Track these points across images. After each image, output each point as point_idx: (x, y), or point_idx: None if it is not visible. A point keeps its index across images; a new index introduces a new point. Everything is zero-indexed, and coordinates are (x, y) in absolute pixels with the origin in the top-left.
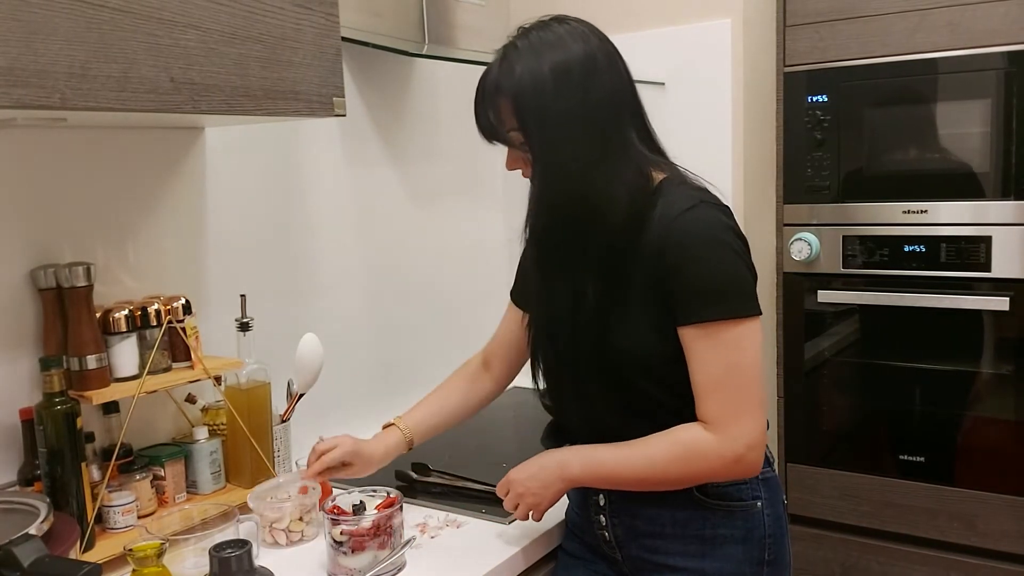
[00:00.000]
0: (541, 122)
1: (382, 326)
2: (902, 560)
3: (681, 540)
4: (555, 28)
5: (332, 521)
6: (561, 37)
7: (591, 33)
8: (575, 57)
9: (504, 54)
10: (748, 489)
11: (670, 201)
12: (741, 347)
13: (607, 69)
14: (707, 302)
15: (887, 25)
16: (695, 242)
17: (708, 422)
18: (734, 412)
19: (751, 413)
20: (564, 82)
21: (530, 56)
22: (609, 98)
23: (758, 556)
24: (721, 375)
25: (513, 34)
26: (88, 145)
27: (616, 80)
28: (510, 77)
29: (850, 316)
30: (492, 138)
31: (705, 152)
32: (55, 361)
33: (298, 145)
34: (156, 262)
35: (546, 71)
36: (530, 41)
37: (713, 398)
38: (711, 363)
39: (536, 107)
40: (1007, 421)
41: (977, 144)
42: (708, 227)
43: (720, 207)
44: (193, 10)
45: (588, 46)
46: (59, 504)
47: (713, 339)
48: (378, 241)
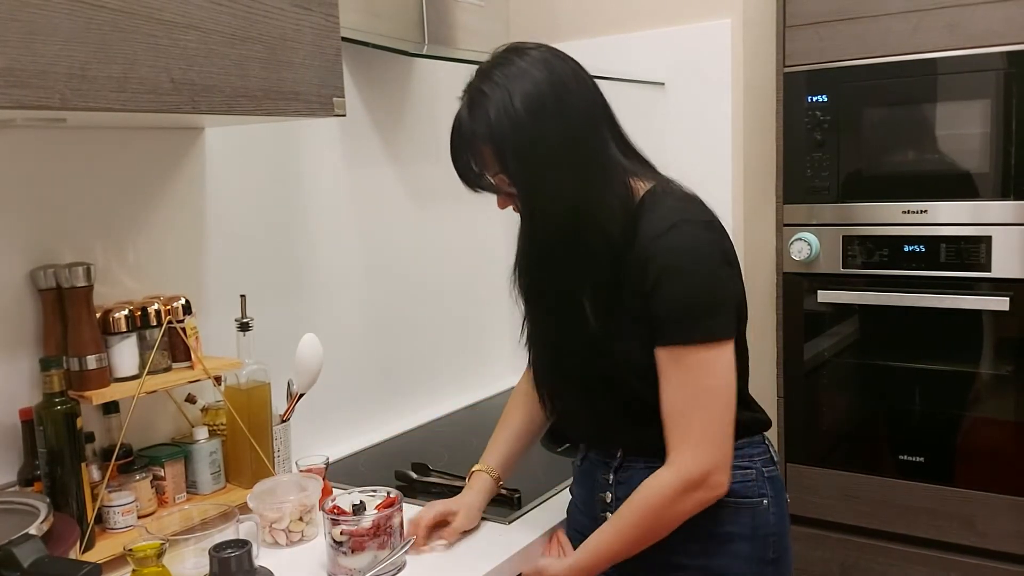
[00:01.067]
0: (524, 161)
1: (382, 326)
2: (902, 560)
3: (688, 537)
4: (515, 62)
5: (332, 521)
6: (524, 70)
7: (551, 56)
8: (543, 86)
9: (471, 100)
10: (755, 487)
11: (652, 219)
12: (709, 372)
13: (576, 88)
14: (677, 326)
15: (887, 25)
16: (670, 265)
17: (671, 449)
18: (688, 439)
19: (713, 439)
20: (539, 114)
21: (500, 97)
22: (585, 116)
23: (763, 554)
24: (687, 399)
25: (473, 77)
26: (88, 145)
27: (587, 96)
28: (484, 122)
29: (850, 316)
30: (476, 186)
31: (705, 152)
32: (55, 361)
33: (298, 145)
34: (156, 262)
35: (519, 108)
36: (495, 81)
37: (678, 423)
38: (678, 386)
39: (517, 147)
40: (1007, 421)
41: (976, 144)
42: (684, 249)
43: (701, 223)
44: (193, 11)
45: (552, 71)
46: (59, 504)
47: (681, 363)
48: (378, 241)
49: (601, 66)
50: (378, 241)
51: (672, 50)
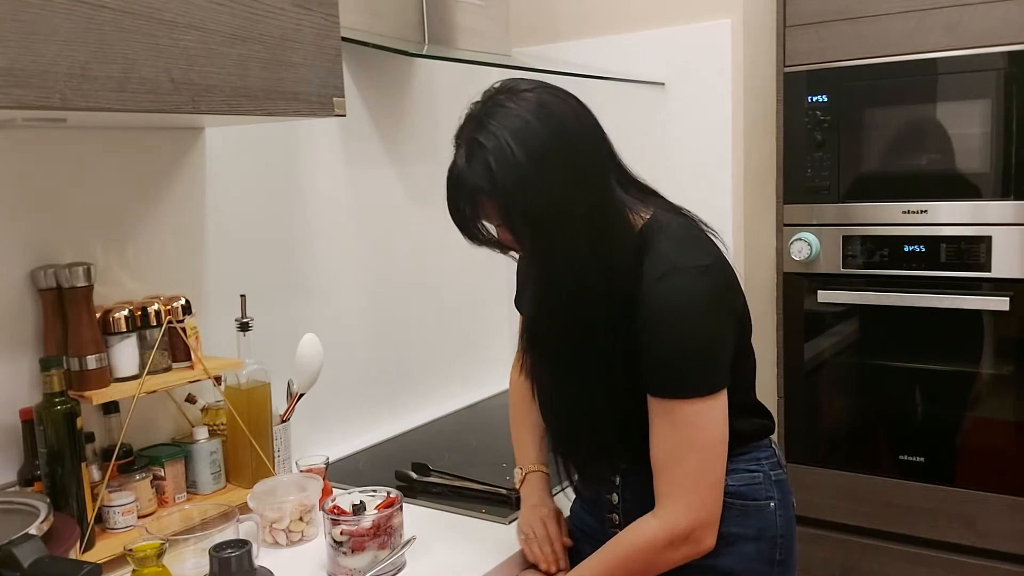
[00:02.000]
0: (532, 218)
1: (382, 326)
2: (902, 560)
3: None
4: (511, 109)
5: (332, 521)
6: (522, 118)
7: (548, 97)
8: (544, 137)
9: (469, 151)
10: (762, 489)
11: (648, 265)
12: (697, 424)
13: (579, 130)
14: (666, 380)
15: (887, 25)
16: (657, 320)
17: (656, 499)
18: (678, 490)
19: (697, 492)
20: (544, 166)
21: (501, 151)
22: (590, 161)
23: (770, 555)
24: (674, 451)
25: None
26: (88, 145)
27: (590, 137)
28: (487, 179)
29: (850, 316)
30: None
31: (705, 153)
32: (55, 361)
33: (298, 145)
34: (156, 262)
35: (523, 160)
36: (492, 132)
37: (665, 474)
38: (667, 438)
39: (522, 202)
40: (1007, 421)
41: (977, 144)
42: (671, 305)
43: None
44: (193, 10)
45: (550, 116)
46: (59, 504)
47: (670, 416)
48: (378, 241)
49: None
50: (378, 241)
51: (672, 50)
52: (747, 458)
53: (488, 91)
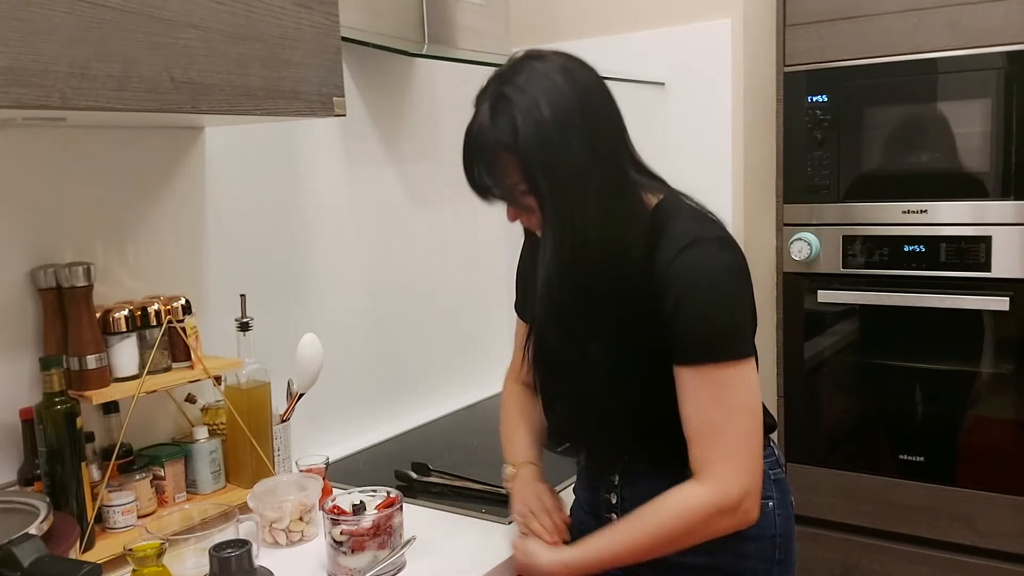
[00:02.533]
0: (552, 175)
1: (382, 326)
2: (902, 560)
3: None
4: (537, 68)
5: (332, 521)
6: (550, 78)
7: (574, 65)
8: (571, 99)
9: (494, 104)
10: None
11: (668, 237)
12: (734, 390)
13: (600, 100)
14: (700, 346)
15: (887, 25)
16: (689, 285)
17: (699, 469)
18: (726, 457)
19: (744, 459)
20: (568, 128)
21: (525, 103)
22: (609, 131)
23: (770, 554)
24: (714, 419)
25: (490, 82)
26: (88, 145)
27: (610, 109)
28: (509, 131)
29: (850, 316)
30: (490, 196)
31: (705, 152)
32: (55, 361)
33: (298, 145)
34: (156, 262)
35: (548, 118)
36: (518, 87)
37: (705, 443)
38: (704, 406)
39: (543, 159)
40: (1007, 421)
41: (977, 144)
42: (700, 271)
43: (715, 240)
44: (193, 9)
45: (576, 81)
46: (59, 504)
47: (706, 382)
48: (378, 241)
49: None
50: (378, 241)
51: (672, 50)
52: None
53: (512, 56)
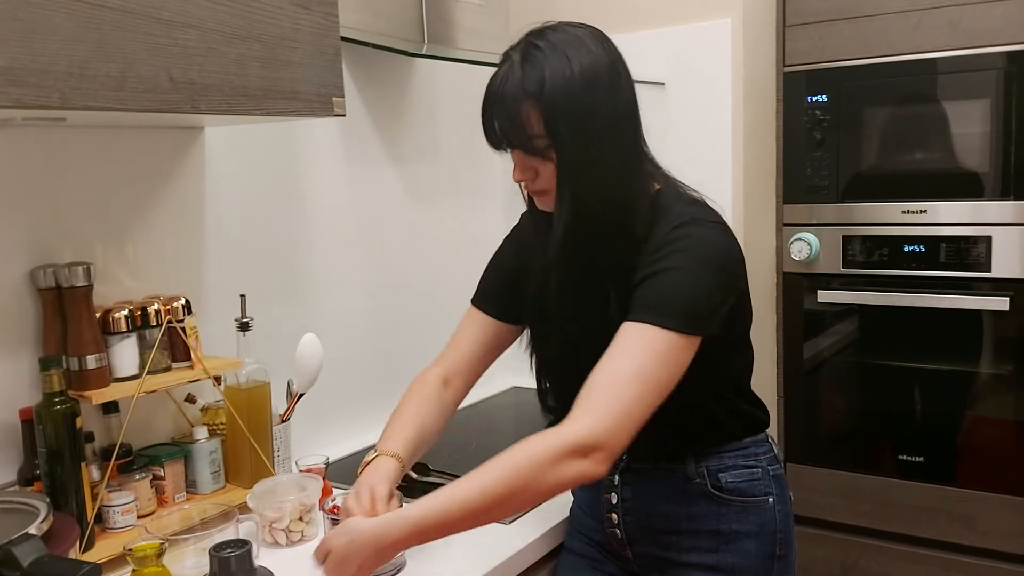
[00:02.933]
0: (573, 128)
1: (382, 326)
2: (902, 560)
3: (695, 536)
4: (570, 31)
5: (332, 521)
6: (581, 39)
7: (605, 38)
8: (601, 60)
9: (524, 55)
10: (761, 485)
11: (667, 218)
12: (663, 361)
13: (626, 75)
14: (659, 308)
15: (887, 25)
16: (674, 251)
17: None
18: (601, 407)
19: (627, 420)
20: (594, 86)
21: (556, 58)
22: (631, 104)
23: (770, 551)
24: (629, 373)
25: (523, 37)
26: (88, 145)
27: (632, 86)
28: (536, 79)
29: (850, 316)
30: (507, 144)
31: (705, 152)
32: (55, 361)
33: (298, 145)
34: (156, 262)
35: (576, 74)
36: (551, 42)
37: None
38: (625, 360)
39: (567, 112)
40: (1007, 421)
41: (977, 144)
42: (692, 243)
43: (713, 223)
44: (192, 10)
45: (608, 50)
46: (59, 504)
47: (641, 341)
48: (378, 241)
49: None
50: (378, 241)
51: (672, 50)
52: (745, 453)
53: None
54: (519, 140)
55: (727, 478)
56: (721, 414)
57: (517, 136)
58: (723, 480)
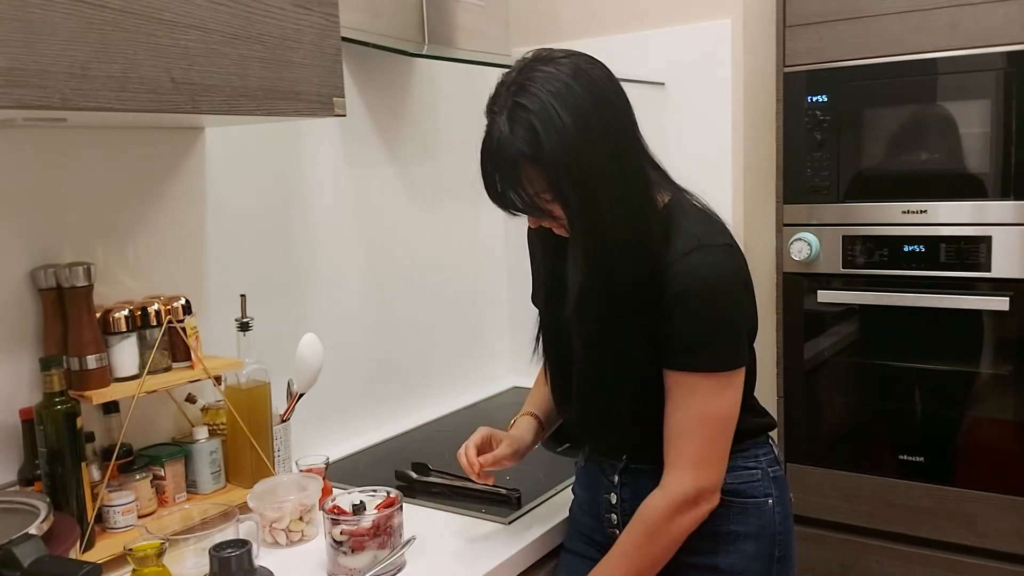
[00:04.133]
0: (580, 182)
1: (382, 326)
2: (902, 560)
3: (695, 537)
4: (548, 72)
5: (332, 521)
6: (561, 80)
7: (585, 65)
8: (586, 100)
9: (511, 116)
10: (760, 487)
11: (674, 241)
12: (716, 399)
13: (615, 99)
14: (689, 353)
15: (887, 25)
16: (686, 291)
17: (668, 467)
18: (691, 462)
19: (707, 463)
20: (588, 130)
21: (543, 112)
22: (626, 129)
23: (769, 552)
24: (691, 423)
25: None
26: (88, 145)
27: (624, 106)
28: (531, 141)
29: (850, 316)
30: (514, 209)
31: (705, 152)
32: (55, 361)
33: (298, 145)
34: (156, 262)
35: (568, 124)
36: (533, 94)
37: (676, 445)
38: (684, 410)
39: (569, 165)
40: (1007, 421)
41: (977, 144)
42: (702, 276)
43: (721, 247)
44: (193, 10)
45: (591, 83)
46: (59, 504)
47: (691, 388)
48: (378, 241)
49: None
50: (378, 241)
51: (672, 50)
52: (745, 455)
53: (521, 60)
54: (526, 204)
55: (726, 479)
56: None
57: (523, 199)
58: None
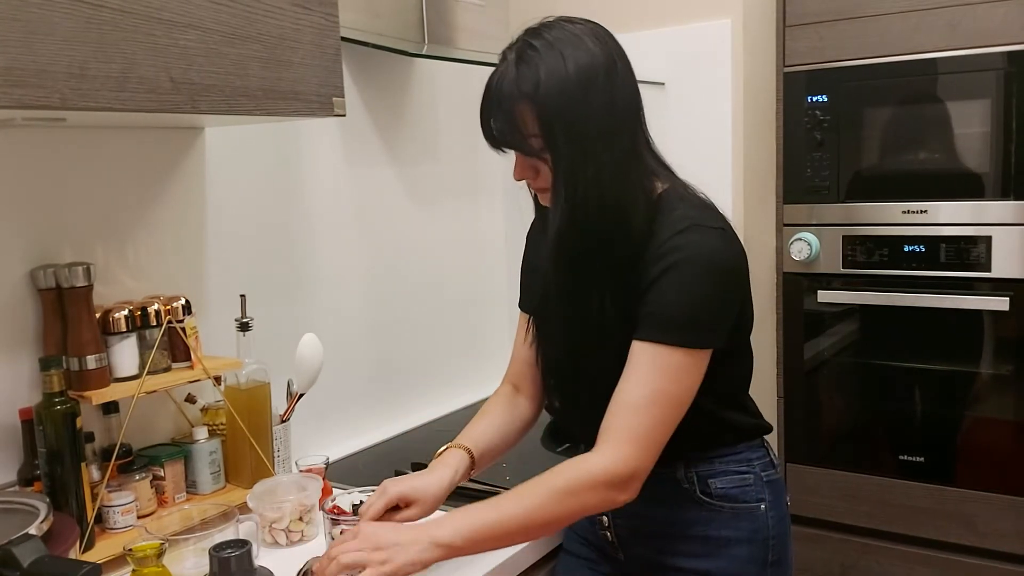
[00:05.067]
0: (568, 128)
1: (382, 326)
2: (902, 560)
3: (685, 541)
4: (568, 27)
5: (332, 521)
6: (579, 36)
7: (605, 34)
8: (598, 59)
9: (520, 55)
10: (752, 491)
11: (667, 222)
12: (675, 378)
13: (625, 72)
14: (663, 325)
15: (887, 25)
16: (674, 263)
17: (607, 437)
18: (631, 436)
19: (651, 444)
20: (590, 86)
21: (551, 57)
22: (630, 103)
23: (762, 557)
24: (644, 398)
25: (520, 35)
26: (88, 145)
27: (633, 84)
28: (531, 79)
29: (850, 316)
30: (503, 145)
31: (705, 152)
32: (55, 361)
33: (298, 145)
34: (156, 262)
35: (572, 74)
36: (547, 41)
37: (625, 417)
38: (643, 384)
39: (562, 112)
40: (1007, 421)
41: (977, 144)
42: (692, 253)
43: (715, 229)
44: (192, 10)
45: (606, 48)
46: (59, 504)
47: (652, 361)
48: (378, 241)
49: None
50: (378, 241)
51: (672, 50)
52: (738, 459)
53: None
54: (515, 141)
55: (717, 484)
56: (712, 426)
57: (513, 137)
58: (712, 486)
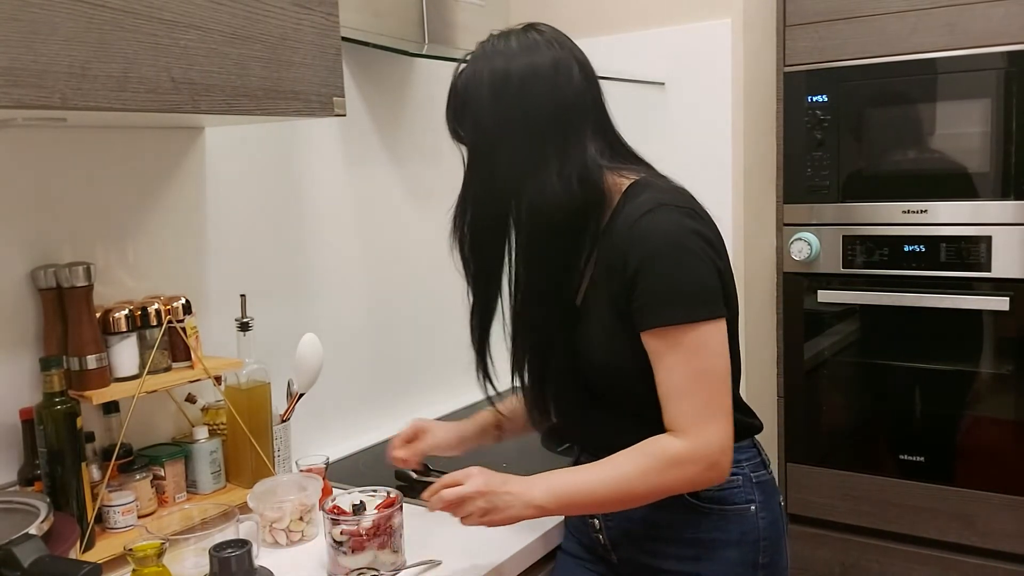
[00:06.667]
0: (473, 126)
1: (382, 326)
2: (902, 560)
3: (675, 543)
4: (510, 40)
5: (332, 521)
6: (510, 49)
7: (548, 42)
8: (517, 67)
9: (471, 54)
10: (742, 493)
11: (630, 207)
12: (703, 351)
13: (550, 78)
14: (665, 307)
15: (886, 25)
16: (651, 247)
17: (677, 429)
18: (703, 417)
19: (719, 418)
20: (500, 90)
21: (479, 62)
22: (553, 110)
23: (753, 559)
24: (685, 381)
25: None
26: (88, 145)
27: (568, 92)
28: (459, 79)
29: (850, 316)
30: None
31: (705, 152)
32: (55, 361)
33: (298, 145)
34: (156, 262)
35: (485, 77)
36: (485, 49)
37: (679, 405)
38: (674, 369)
39: (469, 110)
40: (1007, 421)
41: (977, 144)
42: (664, 231)
43: (681, 208)
44: (193, 10)
45: (534, 58)
46: (59, 504)
47: (674, 344)
48: (378, 241)
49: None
50: (378, 241)
51: (672, 50)
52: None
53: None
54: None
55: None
56: None
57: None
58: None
